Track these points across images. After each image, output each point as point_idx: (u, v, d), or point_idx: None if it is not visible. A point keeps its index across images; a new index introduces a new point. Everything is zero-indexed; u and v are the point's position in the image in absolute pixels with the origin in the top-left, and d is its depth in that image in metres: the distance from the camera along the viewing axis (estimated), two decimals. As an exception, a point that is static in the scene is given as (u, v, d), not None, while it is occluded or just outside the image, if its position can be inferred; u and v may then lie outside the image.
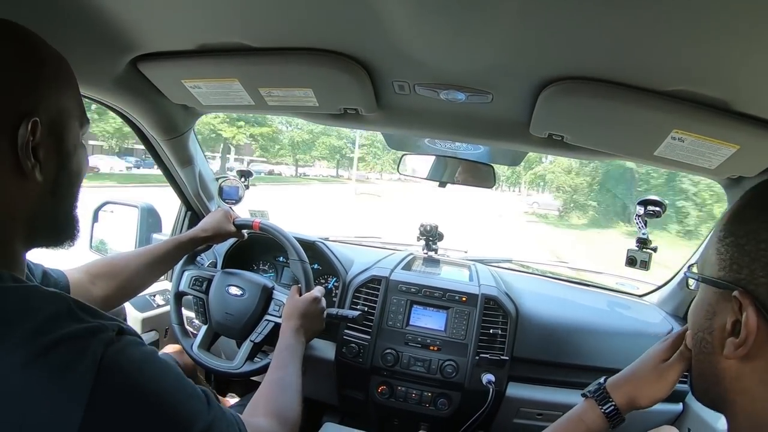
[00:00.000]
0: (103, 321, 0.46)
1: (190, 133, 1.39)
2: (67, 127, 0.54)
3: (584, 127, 0.99)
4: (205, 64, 0.96)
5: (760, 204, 0.47)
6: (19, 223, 0.51)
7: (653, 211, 1.32)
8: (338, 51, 0.88)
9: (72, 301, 0.47)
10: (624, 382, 0.69)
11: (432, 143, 1.50)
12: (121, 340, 0.46)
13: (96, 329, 0.45)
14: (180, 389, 0.49)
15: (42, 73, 0.51)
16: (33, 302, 0.45)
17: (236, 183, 1.54)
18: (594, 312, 1.48)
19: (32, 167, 0.49)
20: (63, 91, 0.54)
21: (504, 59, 0.82)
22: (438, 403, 1.32)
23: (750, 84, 0.74)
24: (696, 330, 0.53)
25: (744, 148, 0.89)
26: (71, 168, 0.55)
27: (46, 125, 0.50)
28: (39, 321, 0.43)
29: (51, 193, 0.53)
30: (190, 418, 0.48)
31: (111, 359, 0.43)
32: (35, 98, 0.50)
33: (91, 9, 0.76)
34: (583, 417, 0.68)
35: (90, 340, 0.44)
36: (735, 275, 0.45)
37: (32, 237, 0.53)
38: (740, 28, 0.58)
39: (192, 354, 1.23)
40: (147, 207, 1.66)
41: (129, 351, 0.46)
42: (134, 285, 1.05)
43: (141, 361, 0.46)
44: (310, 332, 1.10)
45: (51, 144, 0.51)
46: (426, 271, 1.55)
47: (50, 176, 0.52)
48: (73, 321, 0.45)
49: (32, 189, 0.50)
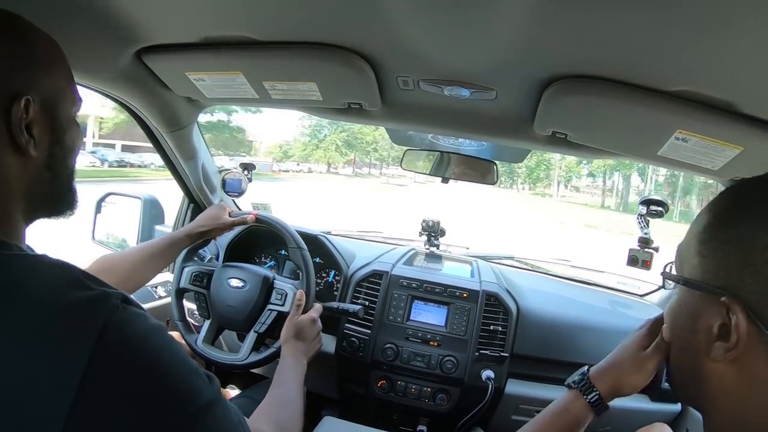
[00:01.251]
0: (107, 289, 0.47)
1: (194, 126, 1.39)
2: (59, 105, 0.56)
3: (588, 125, 0.99)
4: (210, 57, 0.96)
5: (744, 205, 0.46)
6: (18, 196, 0.52)
7: (656, 211, 1.32)
8: (343, 45, 0.88)
9: (78, 270, 0.48)
10: (606, 370, 0.70)
11: (435, 139, 1.50)
12: (127, 310, 0.46)
13: (100, 297, 0.45)
14: (183, 364, 0.48)
15: (33, 55, 0.53)
16: (40, 271, 0.46)
17: (239, 176, 1.55)
18: (595, 311, 1.48)
19: (26, 143, 0.51)
20: (54, 71, 0.56)
21: (509, 56, 0.81)
22: (437, 398, 1.33)
23: (755, 85, 0.73)
24: (675, 328, 0.53)
25: (748, 149, 0.88)
26: (65, 143, 0.58)
27: (38, 103, 0.52)
28: (45, 289, 0.44)
29: (47, 167, 0.55)
30: (192, 394, 0.47)
31: (113, 328, 0.43)
32: (27, 78, 0.52)
33: (97, 1, 0.76)
34: (569, 407, 0.69)
35: (92, 307, 0.44)
36: (722, 281, 0.45)
37: (32, 209, 0.55)
38: (746, 29, 0.58)
39: (197, 349, 1.24)
40: (150, 198, 1.67)
41: (133, 321, 0.46)
42: (132, 281, 1.06)
43: (145, 332, 0.46)
44: (310, 353, 1.11)
45: (45, 121, 0.54)
46: (427, 266, 1.55)
47: (45, 151, 0.54)
48: (78, 289, 0.45)
49: (29, 164, 0.52)
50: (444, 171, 1.48)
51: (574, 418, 0.67)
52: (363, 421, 1.18)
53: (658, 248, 1.35)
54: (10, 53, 0.51)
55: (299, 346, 1.08)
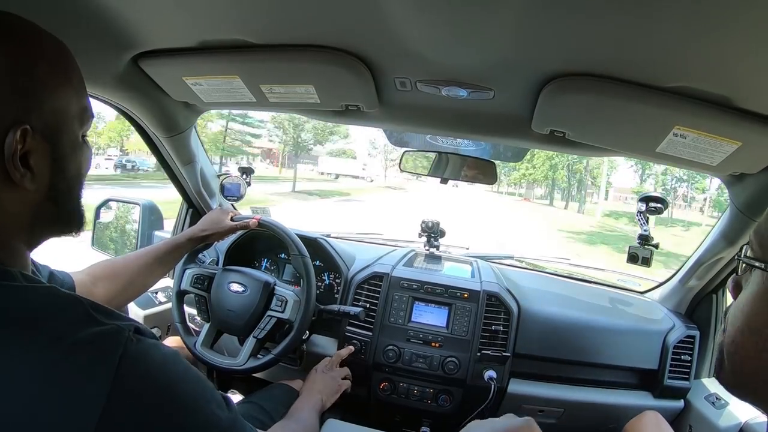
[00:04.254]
0: (119, 322, 0.46)
1: (192, 130, 1.39)
2: (63, 129, 0.50)
3: (586, 123, 0.99)
4: (206, 61, 0.96)
5: None
6: (19, 229, 0.49)
7: (655, 208, 1.32)
8: (339, 47, 0.88)
9: (88, 303, 0.46)
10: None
11: (433, 140, 1.50)
12: (140, 342, 0.45)
13: (114, 331, 0.44)
14: (199, 393, 0.48)
15: (35, 74, 0.47)
16: (50, 304, 0.45)
17: (238, 180, 1.54)
18: (596, 308, 1.48)
19: (22, 177, 0.46)
20: (60, 89, 0.50)
21: (506, 56, 0.81)
22: (440, 399, 1.33)
23: (752, 80, 0.73)
24: (760, 326, 0.47)
25: (746, 144, 0.88)
26: (69, 172, 0.52)
27: (39, 131, 0.47)
28: (57, 324, 0.43)
29: (49, 199, 0.50)
30: (207, 423, 0.47)
31: (129, 362, 0.43)
32: (27, 103, 0.46)
33: (93, 6, 0.76)
34: None
35: (108, 342, 0.43)
36: None
37: (35, 238, 0.52)
38: (742, 25, 0.58)
39: (196, 352, 1.23)
40: (149, 204, 1.66)
41: (148, 353, 0.46)
42: (135, 286, 1.05)
43: (160, 363, 0.46)
44: (329, 400, 1.15)
45: (45, 150, 0.48)
46: (428, 267, 1.55)
47: (45, 183, 0.49)
48: (91, 324, 0.44)
49: (26, 196, 0.48)
50: (443, 172, 1.48)
51: None
52: (366, 424, 1.17)
53: (658, 245, 1.35)
54: (9, 74, 0.45)
55: (320, 397, 1.12)
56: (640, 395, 1.35)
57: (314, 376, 1.18)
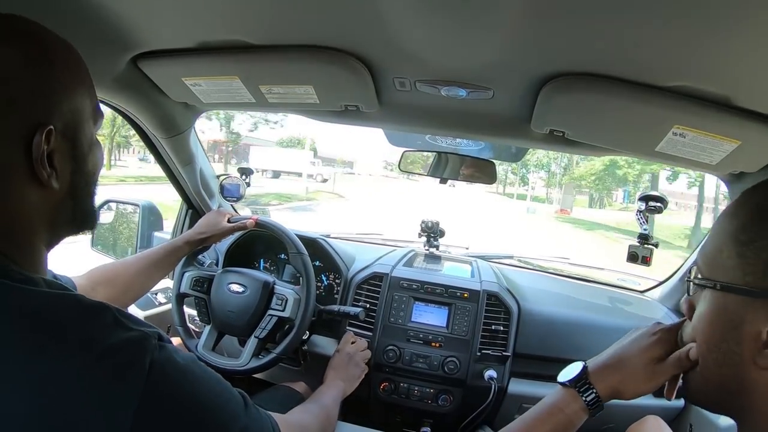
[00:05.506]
0: (145, 329, 0.47)
1: (191, 131, 1.39)
2: (81, 128, 0.52)
3: (585, 123, 0.99)
4: (206, 62, 0.96)
5: None
6: (42, 228, 0.51)
7: (654, 207, 1.32)
8: (339, 48, 0.88)
9: (115, 309, 0.48)
10: (609, 372, 0.63)
11: (433, 139, 1.50)
12: (164, 348, 0.47)
13: (142, 338, 0.46)
14: (219, 393, 0.51)
15: (53, 75, 0.48)
16: (79, 311, 0.46)
17: (237, 181, 1.54)
18: (596, 308, 1.49)
19: (49, 177, 0.48)
20: (76, 88, 0.52)
21: (505, 55, 0.81)
22: (440, 399, 1.33)
23: (751, 79, 0.73)
24: (711, 340, 0.49)
25: (745, 143, 0.88)
26: (87, 169, 0.54)
27: (60, 132, 0.49)
28: (87, 330, 0.44)
29: (69, 196, 0.52)
30: (228, 421, 0.50)
31: (158, 367, 0.45)
32: (48, 104, 0.48)
33: (92, 7, 0.76)
34: (563, 407, 0.62)
35: (138, 348, 0.45)
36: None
37: (55, 237, 0.54)
38: (741, 24, 0.58)
39: (197, 354, 1.23)
40: (148, 205, 1.66)
41: (173, 359, 0.48)
42: (133, 290, 1.05)
43: (183, 368, 0.48)
44: (350, 387, 1.18)
45: (66, 149, 0.50)
46: (428, 267, 1.55)
47: (66, 180, 0.51)
48: (120, 329, 0.46)
49: (51, 195, 0.50)
50: (442, 171, 1.49)
51: (568, 419, 0.62)
52: (366, 424, 1.17)
53: (658, 244, 1.35)
54: (30, 75, 0.46)
55: (345, 375, 1.16)
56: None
57: (339, 362, 1.20)
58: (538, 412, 0.64)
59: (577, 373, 0.64)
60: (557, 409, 0.63)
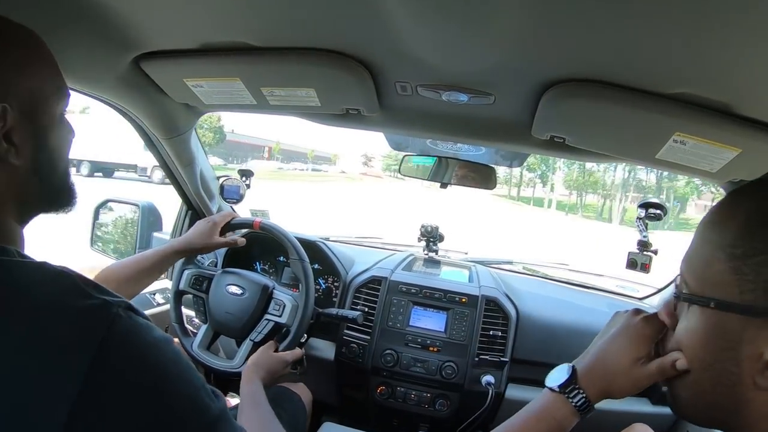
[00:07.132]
0: (109, 297, 0.46)
1: (192, 132, 1.39)
2: (41, 106, 0.54)
3: (586, 129, 0.99)
4: (208, 63, 0.96)
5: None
6: (8, 204, 0.52)
7: (654, 214, 1.32)
8: (341, 51, 0.88)
9: (80, 277, 0.47)
10: (594, 372, 0.61)
11: (433, 144, 1.50)
12: (131, 319, 0.45)
13: (102, 305, 0.44)
14: (190, 381, 0.47)
15: (7, 60, 0.51)
16: (40, 277, 0.45)
17: (237, 182, 1.54)
18: (594, 314, 1.48)
19: (6, 152, 0.50)
20: (34, 72, 0.54)
21: (507, 61, 0.81)
22: (437, 403, 1.32)
23: (752, 87, 0.74)
24: (703, 357, 0.47)
25: (746, 151, 0.88)
26: (50, 146, 0.56)
27: (17, 109, 0.50)
28: (46, 296, 0.44)
29: (34, 173, 0.54)
30: (197, 413, 0.46)
31: (115, 339, 0.43)
32: (2, 85, 0.50)
33: (95, 7, 0.76)
34: (554, 413, 0.60)
35: (93, 317, 0.43)
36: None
37: (26, 212, 0.55)
38: (743, 32, 0.58)
39: (192, 353, 1.23)
40: (148, 205, 1.66)
41: (137, 332, 0.45)
42: (125, 296, 1.04)
43: (149, 344, 0.45)
44: (269, 381, 1.09)
45: (25, 127, 0.52)
46: (426, 271, 1.55)
47: (29, 158, 0.53)
48: (80, 297, 0.44)
49: (13, 172, 0.51)
50: (442, 176, 1.49)
51: (559, 424, 0.60)
52: (363, 427, 1.17)
53: (657, 251, 1.35)
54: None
55: (261, 375, 1.07)
56: (638, 401, 1.35)
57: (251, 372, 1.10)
58: (528, 419, 0.62)
59: (565, 379, 0.62)
60: (548, 415, 0.61)
